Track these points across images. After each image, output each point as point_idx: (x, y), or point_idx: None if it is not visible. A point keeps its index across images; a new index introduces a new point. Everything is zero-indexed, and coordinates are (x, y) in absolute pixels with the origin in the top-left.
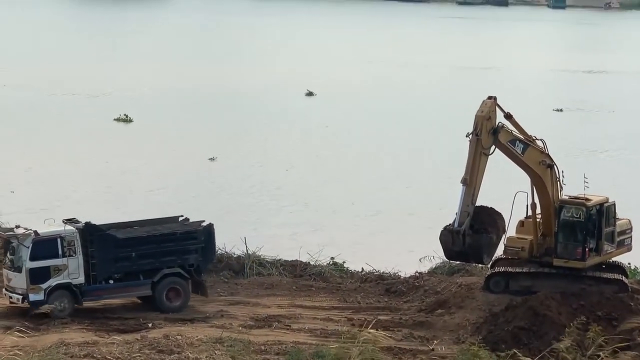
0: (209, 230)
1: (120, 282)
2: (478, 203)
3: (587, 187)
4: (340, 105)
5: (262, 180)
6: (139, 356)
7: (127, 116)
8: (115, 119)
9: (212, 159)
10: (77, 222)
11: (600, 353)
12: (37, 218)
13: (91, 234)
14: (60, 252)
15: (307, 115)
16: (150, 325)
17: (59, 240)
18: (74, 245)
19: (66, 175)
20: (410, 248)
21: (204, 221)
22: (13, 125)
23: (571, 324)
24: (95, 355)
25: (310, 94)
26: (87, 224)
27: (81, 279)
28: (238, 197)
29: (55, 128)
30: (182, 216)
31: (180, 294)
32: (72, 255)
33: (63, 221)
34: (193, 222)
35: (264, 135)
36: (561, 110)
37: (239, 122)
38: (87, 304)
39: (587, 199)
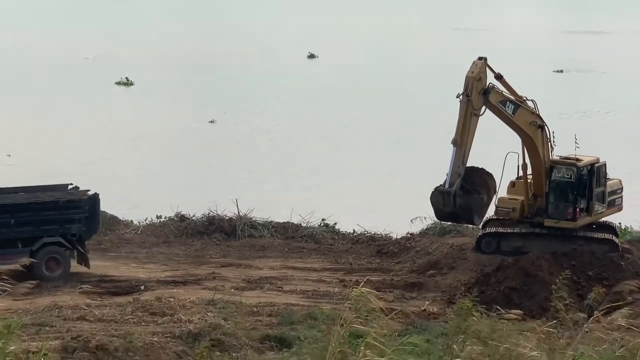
0: (94, 200)
1: None
2: (469, 164)
3: (578, 148)
4: (342, 67)
5: (257, 143)
6: (132, 318)
7: (128, 79)
8: (116, 83)
9: (212, 122)
10: None
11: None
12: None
13: None
14: None
15: (308, 77)
16: (142, 287)
17: None
18: None
19: (67, 140)
20: (401, 209)
21: (89, 190)
22: (13, 89)
23: (557, 281)
24: (88, 317)
25: (312, 56)
26: None
27: None
28: (231, 159)
29: (55, 92)
30: (71, 184)
31: (61, 263)
32: None
33: None
34: (79, 191)
35: (265, 98)
36: (561, 71)
37: (240, 85)
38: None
39: (578, 159)
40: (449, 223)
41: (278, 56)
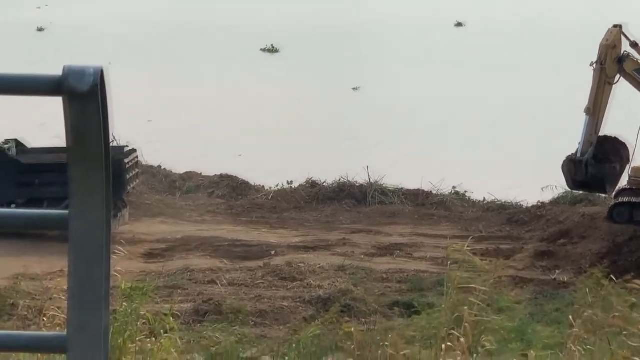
0: (119, 162)
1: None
2: (602, 133)
3: None
4: (490, 37)
5: (396, 111)
6: (262, 283)
7: (273, 46)
8: (262, 49)
9: (355, 89)
10: None
11: None
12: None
13: None
14: None
15: (454, 48)
16: (273, 252)
17: None
18: None
19: (215, 109)
20: (533, 177)
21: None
22: (165, 55)
23: None
24: (218, 281)
25: (459, 24)
26: None
27: None
28: (367, 125)
29: (200, 58)
30: (126, 146)
31: None
32: None
33: None
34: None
35: (408, 67)
36: None
37: (383, 53)
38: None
39: None
40: (581, 192)
41: (423, 24)
